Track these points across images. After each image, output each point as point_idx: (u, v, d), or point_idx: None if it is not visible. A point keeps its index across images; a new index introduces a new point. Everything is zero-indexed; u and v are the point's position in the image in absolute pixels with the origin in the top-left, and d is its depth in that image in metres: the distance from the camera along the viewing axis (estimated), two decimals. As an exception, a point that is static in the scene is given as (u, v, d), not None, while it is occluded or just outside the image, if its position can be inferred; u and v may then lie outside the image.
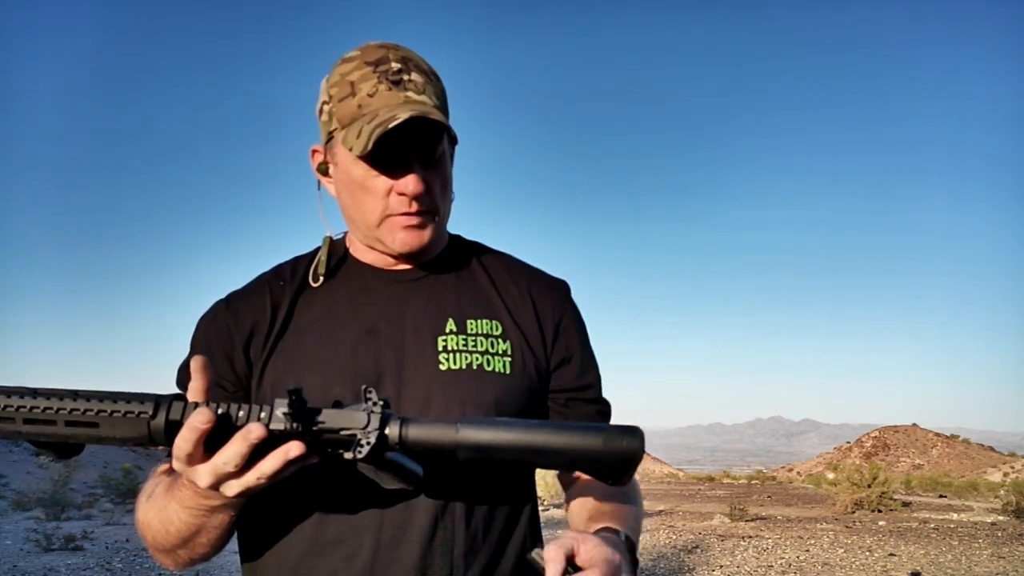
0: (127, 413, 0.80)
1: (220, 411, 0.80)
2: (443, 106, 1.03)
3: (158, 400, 0.81)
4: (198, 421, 0.78)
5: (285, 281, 1.10)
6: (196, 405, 0.82)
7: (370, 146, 0.94)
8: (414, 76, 0.99)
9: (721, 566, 8.35)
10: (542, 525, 1.27)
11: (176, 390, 1.05)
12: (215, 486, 0.82)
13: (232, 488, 0.82)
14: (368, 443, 0.79)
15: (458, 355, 1.03)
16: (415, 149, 1.00)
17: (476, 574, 0.98)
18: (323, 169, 1.09)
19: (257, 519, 1.01)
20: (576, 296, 1.21)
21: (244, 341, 1.05)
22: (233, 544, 1.04)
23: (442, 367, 1.02)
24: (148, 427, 0.80)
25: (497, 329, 1.07)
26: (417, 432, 0.81)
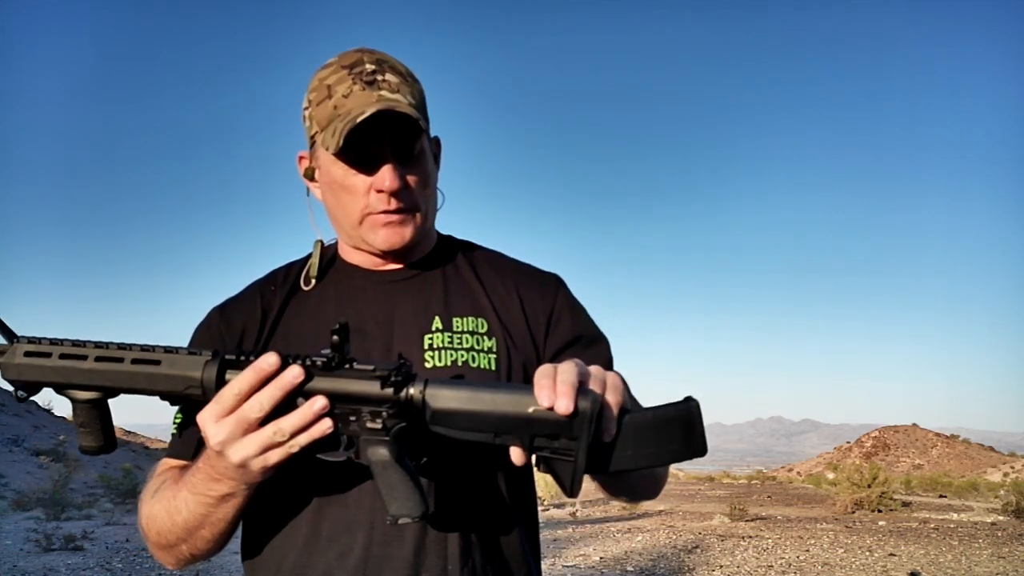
0: (191, 352, 0.84)
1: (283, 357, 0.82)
2: (420, 106, 1.04)
3: (217, 350, 0.85)
4: (266, 362, 0.79)
5: (276, 285, 1.12)
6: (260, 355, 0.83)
7: (341, 142, 0.96)
8: (388, 76, 1.01)
9: (721, 566, 8.35)
10: (542, 525, 1.27)
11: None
12: (230, 443, 0.81)
13: (245, 447, 0.81)
14: (392, 401, 0.81)
15: (443, 352, 1.04)
16: (392, 146, 1.01)
17: (471, 572, 0.98)
18: (309, 174, 1.11)
19: (256, 516, 1.02)
20: (577, 294, 1.20)
21: (235, 346, 1.07)
22: (233, 544, 1.04)
23: (428, 365, 1.03)
24: (203, 368, 0.83)
25: (483, 327, 1.08)
26: (438, 390, 0.82)
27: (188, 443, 1.03)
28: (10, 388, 0.88)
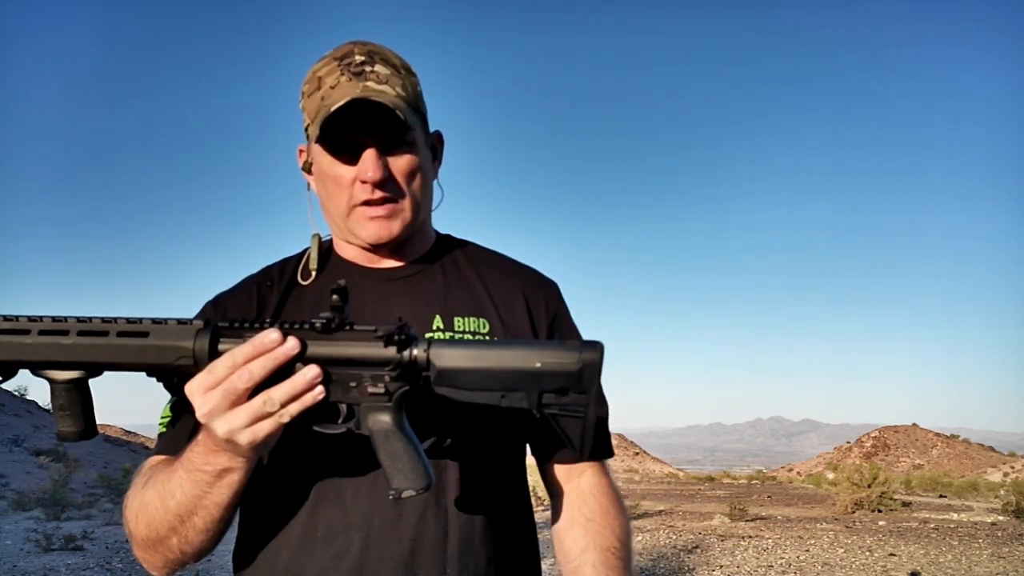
0: (180, 321, 0.81)
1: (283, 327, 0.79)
2: (411, 98, 1.03)
3: (209, 319, 0.81)
4: (268, 338, 0.77)
5: (273, 281, 1.11)
6: (254, 324, 0.80)
7: (318, 131, 0.97)
8: (378, 68, 1.01)
9: (721, 566, 8.35)
10: (541, 525, 1.26)
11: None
12: (216, 415, 0.78)
13: (231, 419, 0.77)
14: (391, 374, 0.79)
15: None
16: (377, 136, 1.01)
17: (470, 574, 0.98)
18: (307, 168, 1.10)
19: (250, 515, 1.01)
20: (576, 296, 1.22)
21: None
22: (232, 545, 1.04)
23: None
24: (195, 337, 0.79)
25: (484, 327, 1.07)
26: (443, 348, 0.80)
27: (176, 438, 1.00)
28: (10, 388, 0.86)
